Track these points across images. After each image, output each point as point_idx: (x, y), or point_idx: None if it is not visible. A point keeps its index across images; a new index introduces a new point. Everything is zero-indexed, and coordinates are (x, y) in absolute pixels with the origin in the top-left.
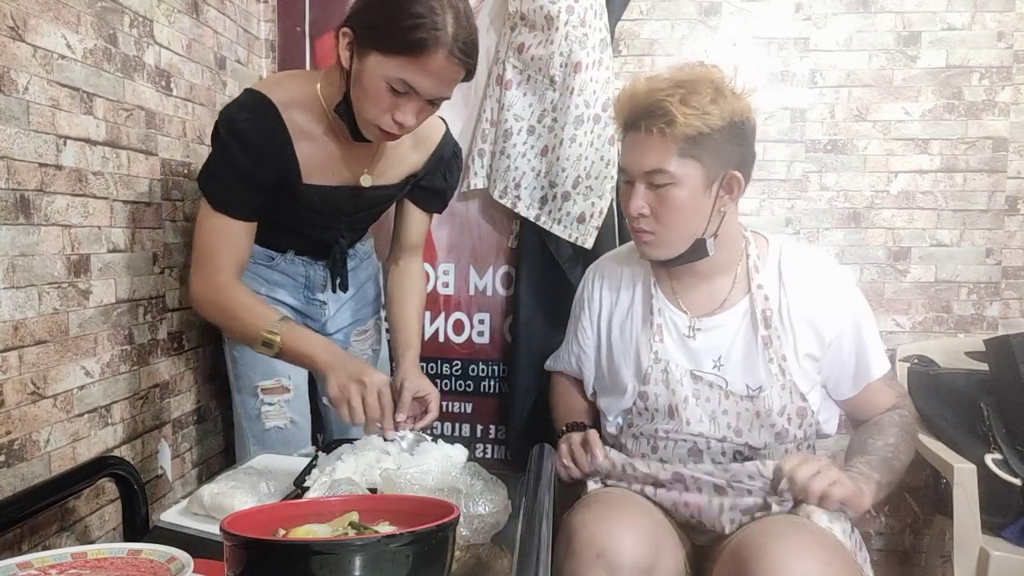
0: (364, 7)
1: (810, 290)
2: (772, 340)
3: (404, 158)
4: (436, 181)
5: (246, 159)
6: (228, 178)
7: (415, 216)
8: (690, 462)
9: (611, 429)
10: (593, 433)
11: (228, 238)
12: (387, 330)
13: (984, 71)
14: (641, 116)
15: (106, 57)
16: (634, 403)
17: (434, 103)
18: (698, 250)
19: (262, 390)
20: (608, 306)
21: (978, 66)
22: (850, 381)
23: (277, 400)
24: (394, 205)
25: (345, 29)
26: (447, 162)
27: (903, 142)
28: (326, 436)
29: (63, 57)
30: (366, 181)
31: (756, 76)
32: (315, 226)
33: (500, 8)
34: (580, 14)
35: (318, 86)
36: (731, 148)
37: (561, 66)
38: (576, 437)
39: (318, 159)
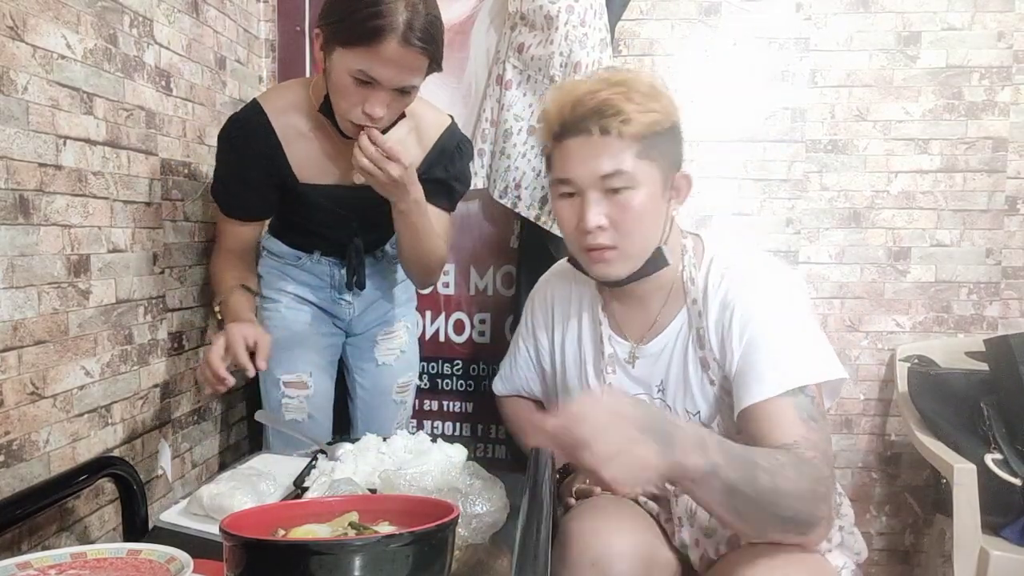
0: (328, 5)
1: (722, 304)
2: (708, 362)
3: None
4: (436, 172)
5: (237, 164)
6: (225, 183)
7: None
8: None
9: None
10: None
11: (230, 234)
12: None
13: (984, 71)
14: (589, 118)
15: (106, 57)
16: None
17: (404, 92)
18: (657, 260)
19: (284, 383)
20: (560, 331)
21: (978, 66)
22: (740, 390)
23: (297, 395)
24: None
25: (317, 29)
26: (448, 154)
27: (903, 142)
28: (351, 434)
29: (63, 57)
30: (358, 178)
31: (756, 76)
32: (327, 225)
33: (500, 8)
34: (580, 14)
35: (311, 89)
36: (675, 149)
37: (561, 66)
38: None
39: (311, 160)
